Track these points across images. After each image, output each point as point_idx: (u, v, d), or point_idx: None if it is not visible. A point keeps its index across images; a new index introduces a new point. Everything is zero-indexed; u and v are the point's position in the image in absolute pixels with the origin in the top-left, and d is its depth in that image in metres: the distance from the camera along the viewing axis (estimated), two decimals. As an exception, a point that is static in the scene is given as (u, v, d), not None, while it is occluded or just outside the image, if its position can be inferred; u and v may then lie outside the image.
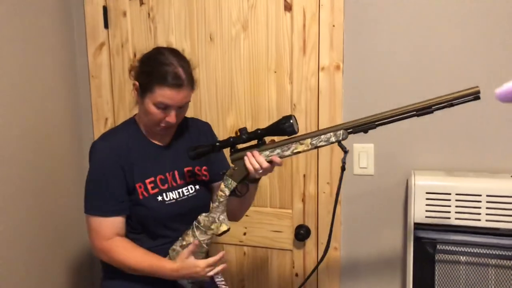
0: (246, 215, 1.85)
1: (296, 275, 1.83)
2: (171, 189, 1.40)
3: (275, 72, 1.75)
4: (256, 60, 1.77)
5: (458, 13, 1.54)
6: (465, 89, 1.14)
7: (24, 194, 1.71)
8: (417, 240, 1.54)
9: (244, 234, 1.87)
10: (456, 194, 1.48)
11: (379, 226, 1.72)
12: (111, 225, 1.34)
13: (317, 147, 1.26)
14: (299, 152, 1.27)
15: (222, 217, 1.34)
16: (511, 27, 1.50)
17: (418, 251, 1.54)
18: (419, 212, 1.52)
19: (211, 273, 1.32)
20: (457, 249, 1.51)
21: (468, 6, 1.52)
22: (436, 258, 1.53)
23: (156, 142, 1.44)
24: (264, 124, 1.79)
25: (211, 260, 1.31)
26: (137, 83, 1.36)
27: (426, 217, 1.52)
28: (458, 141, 1.60)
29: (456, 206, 1.48)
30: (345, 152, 1.25)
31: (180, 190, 1.41)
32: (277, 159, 1.27)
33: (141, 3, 1.87)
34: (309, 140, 1.26)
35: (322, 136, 1.25)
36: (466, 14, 1.53)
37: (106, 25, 1.92)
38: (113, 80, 1.96)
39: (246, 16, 1.75)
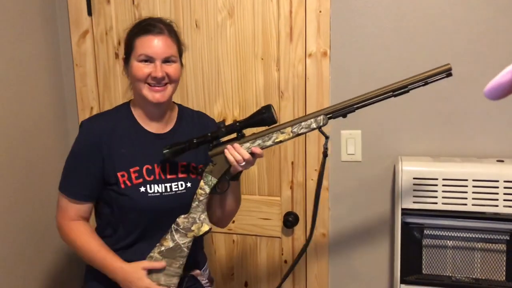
0: (235, 203, 1.85)
1: (285, 262, 1.84)
2: (158, 181, 1.33)
3: (262, 59, 1.74)
4: (243, 47, 1.76)
5: (445, -2, 1.53)
6: (437, 67, 1.18)
7: (5, 188, 1.68)
8: (404, 225, 1.55)
9: (233, 222, 1.87)
10: (443, 179, 1.49)
11: (367, 212, 1.73)
12: (77, 209, 1.33)
13: (298, 135, 1.25)
14: (280, 142, 1.25)
15: (203, 216, 1.30)
16: (499, 9, 1.50)
17: (406, 236, 1.56)
18: (406, 198, 1.53)
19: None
20: (444, 234, 1.53)
21: (454, -9, 1.52)
22: (424, 243, 1.55)
23: (150, 130, 1.37)
24: (252, 111, 1.77)
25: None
26: (123, 56, 1.35)
27: (414, 202, 1.52)
28: (445, 127, 1.60)
29: (443, 191, 1.49)
30: (326, 137, 1.27)
31: (168, 185, 1.34)
32: (258, 150, 1.25)
33: (125, -11, 1.83)
34: (289, 129, 1.25)
35: (303, 123, 1.24)
36: (453, -1, 1.53)
37: (89, 13, 1.89)
38: (98, 69, 1.93)
39: (232, 2, 1.73)
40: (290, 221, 1.78)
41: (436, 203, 1.51)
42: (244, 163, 1.24)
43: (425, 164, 1.54)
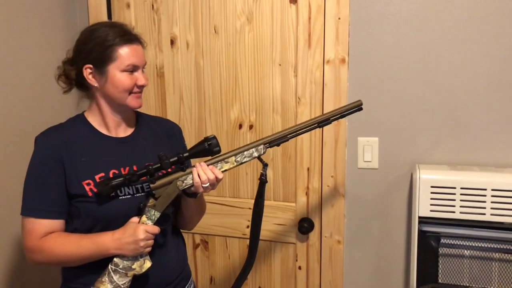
0: (250, 208, 1.85)
1: (299, 268, 1.84)
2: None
3: (280, 65, 1.75)
4: (261, 53, 1.76)
5: (467, 7, 1.53)
6: (351, 102, 1.39)
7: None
8: (421, 233, 1.54)
9: (247, 227, 1.87)
10: (461, 188, 1.48)
11: (383, 219, 1.72)
12: (46, 227, 1.23)
13: (242, 163, 1.30)
14: (225, 171, 1.28)
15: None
16: (518, 21, 1.50)
17: (422, 244, 1.55)
18: (423, 206, 1.52)
19: (147, 249, 1.22)
20: (461, 243, 1.52)
21: (476, 0, 1.52)
22: (440, 251, 1.54)
23: (110, 135, 1.32)
24: (268, 117, 1.79)
25: (149, 227, 1.21)
26: (89, 65, 1.25)
27: (431, 211, 1.52)
28: (463, 135, 1.60)
29: (461, 200, 1.48)
30: (265, 165, 1.32)
31: (139, 186, 1.29)
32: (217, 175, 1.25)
33: (145, -6, 1.86)
34: (233, 158, 1.29)
35: (245, 153, 1.30)
36: (475, 8, 1.52)
37: (109, 17, 1.91)
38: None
39: (251, 8, 1.74)
40: (305, 227, 1.78)
41: (453, 212, 1.50)
42: (207, 184, 1.23)
43: (442, 172, 1.53)
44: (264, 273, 1.89)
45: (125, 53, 1.24)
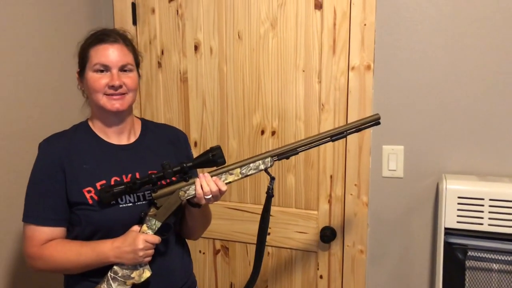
0: (271, 215, 1.84)
1: (321, 277, 1.81)
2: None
3: (304, 71, 1.73)
4: (284, 59, 1.75)
5: (495, 14, 1.49)
6: (368, 116, 1.33)
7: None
8: (447, 245, 1.50)
9: (269, 234, 1.85)
10: (490, 200, 1.44)
11: (407, 230, 1.68)
12: (47, 235, 1.23)
13: (247, 176, 1.26)
14: (230, 183, 1.24)
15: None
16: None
17: (448, 256, 1.50)
18: (450, 217, 1.48)
19: (147, 259, 1.21)
20: (489, 256, 1.47)
21: (505, 7, 1.48)
22: (467, 264, 1.49)
23: (113, 142, 1.31)
24: (291, 123, 1.77)
25: (149, 237, 1.20)
26: (77, 70, 1.30)
27: (458, 222, 1.48)
28: (492, 144, 1.55)
29: (490, 212, 1.44)
30: (272, 178, 1.28)
31: (141, 193, 1.27)
32: (221, 187, 1.23)
33: None
34: (238, 170, 1.25)
35: (251, 165, 1.26)
36: (503, 14, 1.48)
37: (134, 22, 1.93)
38: (141, 77, 1.96)
39: (275, 14, 1.73)
40: (327, 235, 1.75)
41: (481, 224, 1.45)
42: (210, 196, 1.21)
43: (470, 183, 1.49)
44: (284, 281, 1.87)
45: (94, 52, 1.24)
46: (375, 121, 1.32)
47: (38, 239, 1.23)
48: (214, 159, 1.22)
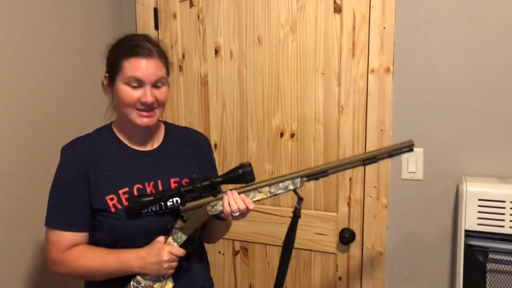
0: (290, 217, 1.85)
1: (340, 278, 1.82)
2: None
3: (323, 74, 1.75)
4: (304, 62, 1.77)
5: (516, 15, 1.49)
6: (402, 142, 1.28)
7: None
8: (467, 248, 1.50)
9: (288, 235, 1.87)
10: (511, 202, 1.43)
11: (427, 232, 1.68)
12: (71, 240, 1.22)
13: (275, 195, 1.24)
14: (257, 201, 1.23)
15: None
16: None
17: (469, 259, 1.50)
18: (470, 219, 1.48)
19: (171, 271, 1.22)
20: (510, 259, 1.46)
21: (527, 8, 1.48)
22: (488, 267, 1.49)
23: (137, 148, 1.30)
24: (310, 126, 1.78)
25: (174, 249, 1.20)
26: (106, 74, 1.27)
27: (478, 224, 1.47)
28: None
29: (511, 215, 1.43)
30: (300, 199, 1.27)
31: (162, 203, 1.26)
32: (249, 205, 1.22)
33: (191, 5, 1.90)
34: (267, 188, 1.23)
35: (280, 184, 1.24)
36: (525, 16, 1.48)
37: (156, 27, 1.97)
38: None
39: (294, 18, 1.76)
40: (346, 237, 1.76)
41: (503, 226, 1.45)
42: (237, 214, 1.20)
43: (491, 185, 1.48)
44: (303, 282, 1.88)
45: (128, 64, 1.21)
46: (408, 148, 1.28)
47: (63, 245, 1.22)
48: (243, 176, 1.21)
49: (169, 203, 1.26)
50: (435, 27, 1.58)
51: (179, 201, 1.26)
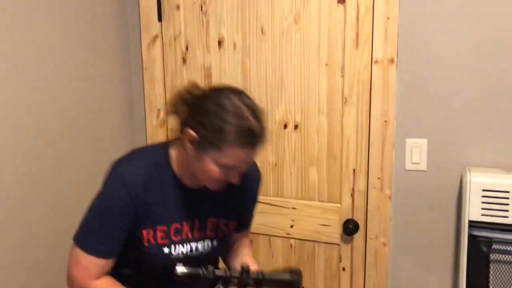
0: (294, 208, 1.86)
1: (343, 269, 1.83)
2: (183, 241, 1.22)
3: (326, 65, 1.74)
4: (307, 53, 1.77)
5: (522, 5, 1.48)
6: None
7: (71, 187, 1.78)
8: (471, 238, 1.50)
9: (291, 226, 1.88)
10: (515, 193, 1.43)
11: (430, 222, 1.69)
12: (102, 267, 1.18)
13: None
14: None
15: None
16: None
17: (472, 249, 1.50)
18: (474, 210, 1.48)
19: None
20: (514, 249, 1.47)
21: (532, -3, 1.47)
22: (491, 257, 1.49)
23: (186, 184, 1.22)
24: (314, 117, 1.78)
25: None
26: (194, 134, 1.10)
27: (482, 215, 1.47)
28: (517, 138, 1.54)
29: (515, 205, 1.44)
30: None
31: (194, 245, 1.23)
32: None
33: (194, -4, 1.90)
34: None
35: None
36: (530, 5, 1.47)
37: (160, 18, 1.97)
38: (166, 73, 2.00)
39: (298, 9, 1.75)
40: (350, 228, 1.77)
41: (506, 217, 1.45)
42: None
43: (495, 176, 1.48)
44: (307, 273, 1.89)
45: (231, 153, 1.08)
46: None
47: (93, 271, 1.17)
48: (291, 282, 1.13)
49: (200, 247, 1.25)
50: (440, 17, 1.57)
51: (210, 244, 1.25)
